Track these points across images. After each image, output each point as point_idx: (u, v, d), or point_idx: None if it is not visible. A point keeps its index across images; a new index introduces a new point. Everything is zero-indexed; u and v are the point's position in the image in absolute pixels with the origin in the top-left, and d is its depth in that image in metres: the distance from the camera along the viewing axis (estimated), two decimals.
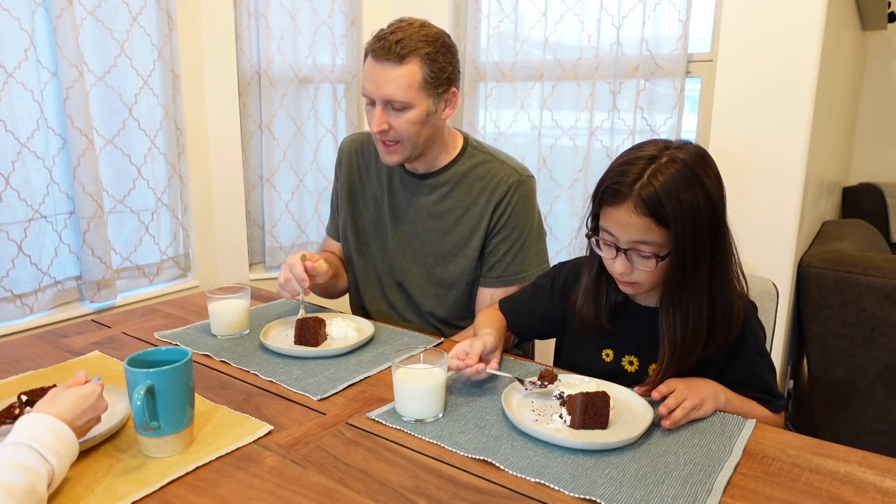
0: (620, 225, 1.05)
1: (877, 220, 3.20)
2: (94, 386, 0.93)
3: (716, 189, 1.05)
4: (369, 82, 1.35)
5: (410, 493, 0.86)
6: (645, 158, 1.04)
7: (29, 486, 0.75)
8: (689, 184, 1.02)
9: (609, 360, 1.23)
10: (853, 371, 2.01)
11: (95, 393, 0.92)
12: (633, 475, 0.89)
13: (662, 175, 1.01)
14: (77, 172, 1.95)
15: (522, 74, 2.46)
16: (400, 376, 1.04)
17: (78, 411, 0.88)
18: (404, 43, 1.31)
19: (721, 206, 1.06)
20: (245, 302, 1.41)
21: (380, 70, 1.33)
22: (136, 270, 2.25)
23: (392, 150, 1.41)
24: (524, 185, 1.48)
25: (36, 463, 0.78)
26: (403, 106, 1.34)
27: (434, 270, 1.52)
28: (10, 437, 0.81)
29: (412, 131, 1.37)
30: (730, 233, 1.10)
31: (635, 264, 1.07)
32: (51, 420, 0.84)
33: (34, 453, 0.79)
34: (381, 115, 1.36)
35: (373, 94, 1.35)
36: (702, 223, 1.03)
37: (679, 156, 1.04)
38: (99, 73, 2.04)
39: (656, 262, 1.05)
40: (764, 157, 2.04)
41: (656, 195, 1.01)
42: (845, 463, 0.94)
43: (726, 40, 2.06)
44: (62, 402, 0.88)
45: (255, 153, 2.56)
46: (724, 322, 1.09)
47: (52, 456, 0.80)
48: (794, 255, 2.05)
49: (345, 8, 2.59)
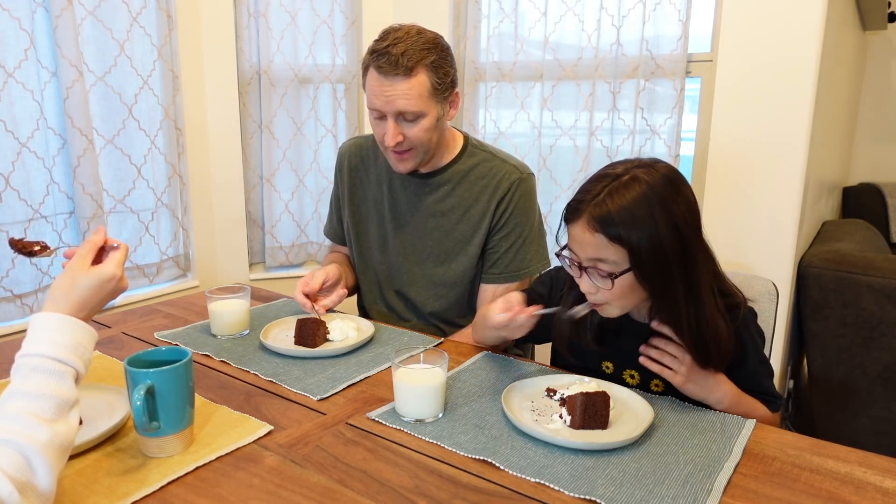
0: (577, 242, 1.06)
1: (877, 220, 3.20)
2: (114, 269, 0.89)
3: (681, 213, 1.03)
4: (378, 98, 1.34)
5: (410, 493, 0.86)
6: (610, 177, 1.04)
7: (61, 401, 0.75)
8: (645, 202, 1.00)
9: (609, 372, 1.23)
10: (853, 371, 2.01)
11: (116, 277, 0.89)
12: (633, 475, 0.89)
13: (618, 193, 1.01)
14: (77, 172, 1.95)
15: (522, 74, 2.46)
16: (400, 376, 1.04)
17: (95, 301, 0.86)
18: (409, 55, 1.30)
19: (688, 230, 1.03)
20: (245, 302, 1.41)
21: (388, 85, 1.32)
22: (136, 270, 2.25)
23: (405, 157, 1.41)
24: (525, 182, 1.49)
25: (56, 378, 0.77)
26: (416, 116, 1.34)
27: (436, 270, 1.53)
28: (25, 347, 0.79)
29: (426, 138, 1.38)
30: (709, 254, 1.08)
31: (596, 283, 1.06)
32: (63, 323, 0.81)
33: (53, 366, 0.77)
34: (395, 128, 1.35)
35: (383, 109, 1.34)
36: (660, 244, 1.00)
37: (641, 175, 1.03)
38: (99, 73, 2.04)
39: (612, 282, 1.04)
40: (764, 157, 2.04)
41: (608, 212, 1.00)
42: (845, 463, 0.94)
43: (726, 40, 2.06)
44: (78, 291, 0.85)
45: (255, 153, 2.56)
46: (712, 341, 1.07)
47: (73, 360, 0.79)
48: (794, 255, 2.05)
49: (345, 8, 2.59)
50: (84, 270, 0.87)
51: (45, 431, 0.73)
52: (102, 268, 0.88)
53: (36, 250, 0.98)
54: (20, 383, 0.76)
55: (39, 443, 0.71)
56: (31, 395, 0.75)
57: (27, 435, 0.71)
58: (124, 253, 0.93)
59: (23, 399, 0.75)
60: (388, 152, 1.41)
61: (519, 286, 1.51)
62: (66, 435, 0.75)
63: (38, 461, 0.70)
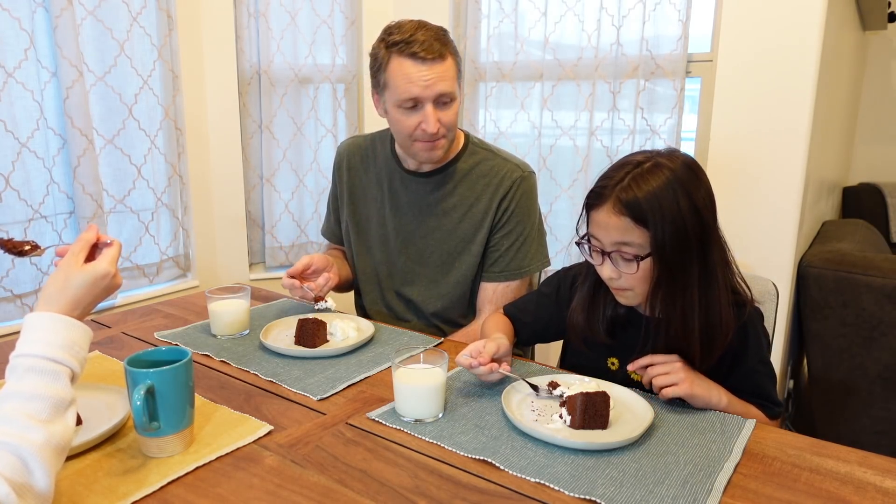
0: (602, 227, 1.07)
1: (877, 220, 3.20)
2: (107, 266, 0.88)
3: (702, 198, 1.06)
4: (416, 85, 1.34)
5: (410, 493, 0.86)
6: (631, 164, 1.07)
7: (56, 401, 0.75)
8: (669, 187, 1.03)
9: (615, 369, 1.23)
10: (853, 371, 2.01)
11: (109, 274, 0.87)
12: (633, 475, 0.89)
13: (643, 179, 1.04)
14: (77, 172, 1.95)
15: (522, 74, 2.46)
16: (400, 376, 1.04)
17: (88, 299, 0.85)
18: (438, 39, 1.34)
19: (708, 214, 1.06)
20: (245, 302, 1.41)
21: (427, 69, 1.33)
22: (136, 270, 2.25)
23: (440, 144, 1.42)
24: (527, 180, 1.49)
25: (51, 378, 0.76)
26: (451, 98, 1.38)
27: (439, 270, 1.53)
28: (19, 347, 0.78)
29: (455, 122, 1.42)
30: (723, 243, 1.10)
31: (620, 268, 1.07)
32: (56, 322, 0.80)
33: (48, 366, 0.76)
34: (435, 113, 1.36)
35: (422, 95, 1.34)
36: (684, 227, 1.03)
37: (664, 162, 1.06)
38: (99, 73, 2.04)
39: (637, 265, 1.05)
40: (764, 156, 2.04)
41: (634, 195, 1.03)
42: (845, 463, 0.94)
43: (726, 40, 2.06)
44: (71, 289, 0.84)
45: (255, 153, 2.56)
46: (717, 332, 1.09)
47: (67, 359, 0.78)
48: (794, 255, 2.05)
49: (345, 8, 2.59)
50: (77, 268, 0.86)
51: (40, 432, 0.72)
52: (96, 265, 0.87)
53: (26, 250, 0.96)
54: (15, 384, 0.76)
55: (35, 444, 0.71)
56: (25, 395, 0.74)
57: (23, 437, 0.71)
58: (118, 249, 0.92)
59: (18, 400, 0.74)
60: (418, 144, 1.41)
61: (519, 284, 1.51)
62: (63, 435, 0.75)
63: (34, 463, 0.70)
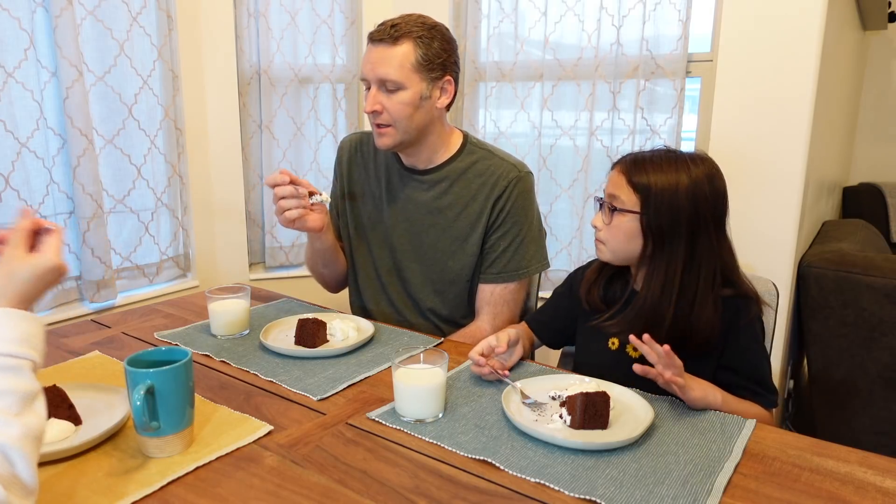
0: (608, 182, 1.21)
1: (877, 220, 3.20)
2: (53, 258, 0.84)
3: (705, 189, 1.13)
4: (366, 65, 1.40)
5: (410, 493, 0.86)
6: (661, 149, 1.19)
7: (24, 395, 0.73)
8: (675, 170, 1.13)
9: (615, 348, 1.27)
10: (853, 371, 2.01)
11: (56, 266, 0.84)
12: (633, 475, 0.89)
13: (658, 156, 1.16)
14: (77, 172, 1.95)
15: (522, 74, 2.46)
16: (400, 376, 1.04)
17: (35, 291, 0.82)
18: (400, 27, 1.37)
19: (706, 202, 1.13)
20: (245, 302, 1.41)
21: (374, 51, 1.38)
22: (136, 270, 2.25)
23: (383, 132, 1.43)
24: (523, 180, 1.49)
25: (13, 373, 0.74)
26: (396, 87, 1.37)
27: (434, 267, 1.53)
28: None
29: (404, 114, 1.39)
30: (726, 240, 1.18)
31: (603, 218, 1.20)
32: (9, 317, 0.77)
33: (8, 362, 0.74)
34: (374, 96, 1.40)
35: (368, 75, 1.39)
36: (677, 207, 1.12)
37: (683, 156, 1.16)
38: (99, 73, 2.04)
39: (612, 215, 1.17)
40: (764, 156, 2.04)
41: (640, 162, 1.15)
42: (845, 463, 0.94)
43: (726, 40, 2.06)
44: (18, 283, 0.81)
45: (255, 153, 2.56)
46: (695, 322, 1.13)
47: (27, 352, 0.76)
48: (794, 255, 2.05)
49: (345, 8, 2.59)
50: (20, 261, 0.83)
51: (16, 425, 0.72)
52: (41, 257, 0.84)
53: None
54: None
55: (13, 437, 0.71)
56: None
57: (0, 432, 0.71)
58: (59, 237, 0.88)
59: None
60: (371, 125, 1.45)
61: (517, 286, 1.51)
62: (37, 425, 0.75)
63: (16, 455, 0.70)
